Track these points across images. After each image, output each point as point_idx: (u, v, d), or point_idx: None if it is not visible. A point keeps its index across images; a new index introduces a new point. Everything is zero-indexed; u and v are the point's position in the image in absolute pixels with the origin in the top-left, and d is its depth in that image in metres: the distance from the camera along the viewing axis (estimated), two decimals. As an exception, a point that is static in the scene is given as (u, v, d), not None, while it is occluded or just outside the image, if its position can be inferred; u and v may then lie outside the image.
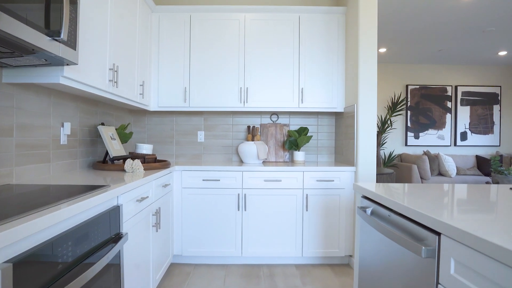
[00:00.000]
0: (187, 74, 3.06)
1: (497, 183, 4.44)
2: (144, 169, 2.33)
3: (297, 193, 2.78)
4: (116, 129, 2.71)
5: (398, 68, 6.60)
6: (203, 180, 2.76)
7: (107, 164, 2.34)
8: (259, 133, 3.41)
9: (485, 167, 6.03)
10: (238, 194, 2.76)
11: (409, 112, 6.54)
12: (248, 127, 3.36)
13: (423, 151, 6.26)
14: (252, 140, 3.29)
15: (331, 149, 3.45)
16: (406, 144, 6.53)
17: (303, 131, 3.25)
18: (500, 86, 6.64)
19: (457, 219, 0.92)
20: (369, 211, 1.47)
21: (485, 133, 6.63)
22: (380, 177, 4.21)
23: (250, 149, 3.09)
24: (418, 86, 6.55)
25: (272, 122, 3.44)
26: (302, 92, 3.05)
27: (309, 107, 3.08)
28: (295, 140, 3.21)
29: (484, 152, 6.66)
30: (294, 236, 2.79)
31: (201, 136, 3.42)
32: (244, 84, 3.06)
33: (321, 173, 2.77)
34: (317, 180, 2.77)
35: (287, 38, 3.08)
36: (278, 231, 2.78)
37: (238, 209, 2.77)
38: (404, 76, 6.60)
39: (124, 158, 2.46)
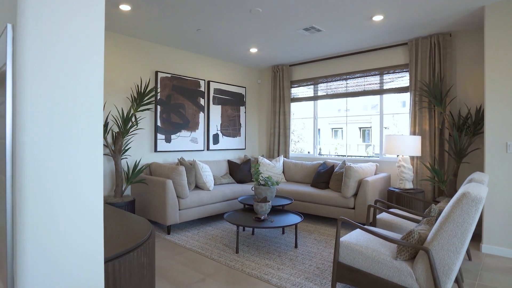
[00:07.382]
0: None
1: (263, 198, 3.69)
2: None
3: None
4: None
5: (147, 47, 4.86)
6: None
7: None
8: None
9: (236, 173, 5.50)
10: None
11: (159, 107, 4.99)
12: None
13: (178, 159, 4.90)
14: None
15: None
16: (155, 150, 4.93)
17: None
18: (245, 87, 6.46)
19: None
20: None
21: (234, 135, 6.23)
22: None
23: None
24: (170, 75, 5.12)
25: None
26: None
27: None
28: None
29: (233, 156, 6.25)
30: None
31: None
32: None
33: None
34: None
35: None
36: None
37: None
38: (154, 59, 4.96)
39: None
